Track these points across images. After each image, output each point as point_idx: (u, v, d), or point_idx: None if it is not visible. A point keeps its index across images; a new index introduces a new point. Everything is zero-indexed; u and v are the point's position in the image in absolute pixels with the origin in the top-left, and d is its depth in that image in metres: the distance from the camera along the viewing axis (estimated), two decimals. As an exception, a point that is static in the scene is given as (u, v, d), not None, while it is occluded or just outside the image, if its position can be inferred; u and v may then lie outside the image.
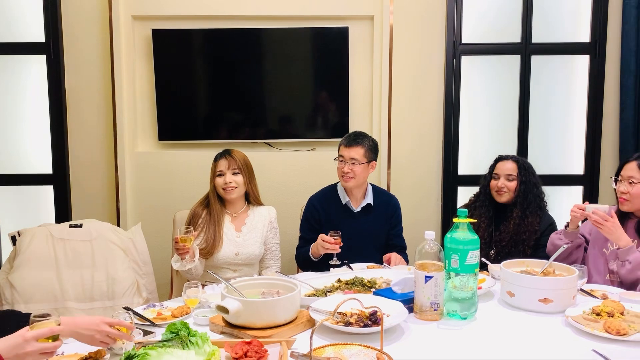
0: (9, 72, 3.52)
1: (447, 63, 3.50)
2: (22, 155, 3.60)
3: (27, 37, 3.48)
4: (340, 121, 3.49)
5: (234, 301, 1.59)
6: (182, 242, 2.21)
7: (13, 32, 3.48)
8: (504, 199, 2.68)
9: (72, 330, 1.49)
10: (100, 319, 1.49)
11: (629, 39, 3.41)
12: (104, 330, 1.47)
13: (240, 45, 3.44)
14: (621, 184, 2.27)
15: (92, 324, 1.49)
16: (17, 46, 3.48)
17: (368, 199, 2.71)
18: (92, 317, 1.52)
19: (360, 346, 1.42)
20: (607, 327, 1.63)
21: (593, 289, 2.11)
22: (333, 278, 2.13)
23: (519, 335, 1.67)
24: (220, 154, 2.60)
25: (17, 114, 3.55)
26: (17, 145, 3.58)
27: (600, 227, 2.19)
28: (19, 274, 2.37)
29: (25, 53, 3.50)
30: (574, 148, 3.65)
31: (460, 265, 1.75)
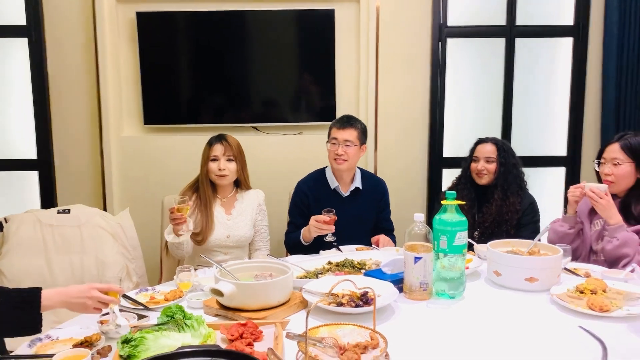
0: (-10, 55, 3.46)
1: (433, 45, 3.52)
2: (5, 140, 3.55)
3: (8, 20, 3.42)
4: (327, 104, 3.50)
5: (228, 284, 1.61)
6: (179, 212, 2.23)
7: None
8: (484, 180, 2.73)
9: (63, 300, 1.53)
10: (90, 286, 1.54)
11: (611, 22, 3.46)
12: (94, 296, 1.52)
13: (226, 27, 3.40)
14: (605, 166, 2.33)
15: (82, 291, 1.53)
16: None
17: (357, 183, 2.73)
18: (82, 285, 1.56)
19: (353, 326, 1.45)
20: (591, 304, 1.69)
21: (577, 267, 2.17)
22: (323, 260, 2.16)
23: (505, 314, 1.72)
24: (215, 139, 2.59)
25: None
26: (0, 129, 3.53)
27: (595, 204, 2.23)
28: (8, 261, 2.37)
29: (6, 36, 3.44)
30: (557, 130, 3.71)
31: (448, 246, 1.79)
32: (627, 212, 2.27)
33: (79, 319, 1.75)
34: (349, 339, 1.37)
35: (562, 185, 3.73)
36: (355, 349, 1.32)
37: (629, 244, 2.14)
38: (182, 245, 2.38)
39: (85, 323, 1.66)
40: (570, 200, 2.38)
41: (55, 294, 1.53)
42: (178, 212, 2.23)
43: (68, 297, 1.53)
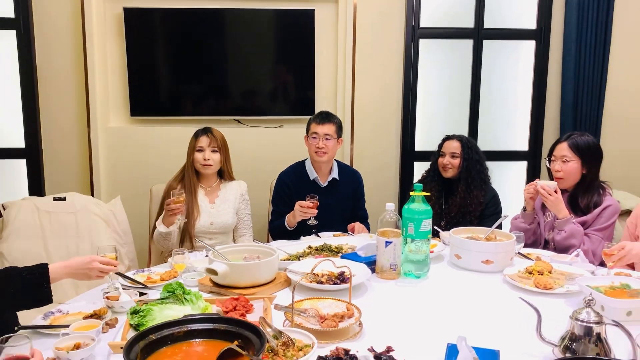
0: (-21, 47, 3.55)
1: (406, 46, 3.74)
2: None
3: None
4: (306, 99, 3.70)
5: (222, 264, 1.82)
6: (177, 203, 2.44)
7: (-18, 7, 3.50)
8: (449, 174, 2.97)
9: (68, 272, 1.77)
10: (91, 258, 1.80)
11: (570, 27, 3.73)
12: (95, 267, 1.77)
13: (208, 24, 3.57)
14: (555, 163, 2.58)
15: (84, 263, 1.79)
16: (-14, 21, 3.51)
17: (334, 174, 2.95)
18: (83, 257, 1.81)
19: (332, 299, 1.67)
20: (537, 282, 1.95)
21: (530, 252, 2.43)
22: (304, 245, 2.38)
23: (464, 291, 1.97)
24: (201, 131, 2.77)
25: (-13, 89, 3.61)
26: (-12, 119, 3.65)
27: (545, 200, 2.49)
28: (8, 244, 2.53)
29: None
30: (520, 126, 3.98)
31: (415, 232, 2.02)
32: (575, 205, 2.55)
33: (82, 296, 1.94)
34: (328, 310, 1.59)
35: (524, 178, 4.02)
36: (333, 317, 1.54)
37: (575, 236, 2.42)
38: (170, 236, 2.57)
39: (91, 299, 1.85)
40: (526, 197, 2.61)
41: (61, 267, 1.76)
42: (175, 203, 2.43)
43: (72, 269, 1.77)
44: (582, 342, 1.33)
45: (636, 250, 2.00)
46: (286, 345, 1.37)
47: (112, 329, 1.62)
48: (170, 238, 2.58)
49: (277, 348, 1.35)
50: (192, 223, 2.69)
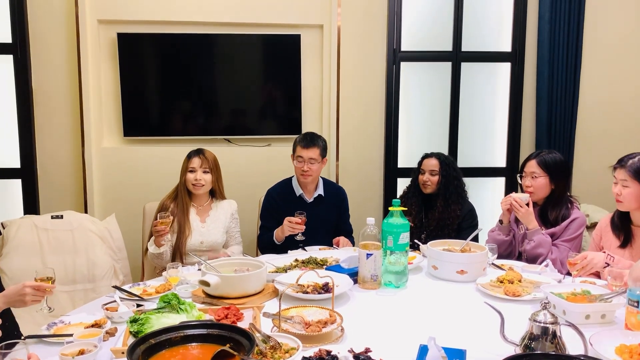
0: (-23, 71, 3.68)
1: (387, 68, 3.93)
2: (-11, 150, 3.77)
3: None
4: (293, 119, 3.86)
5: (214, 276, 1.96)
6: (162, 225, 2.56)
7: (-19, 33, 3.64)
8: (428, 190, 3.13)
9: (5, 301, 1.84)
10: (22, 284, 1.83)
11: (542, 49, 3.94)
12: (28, 292, 1.81)
13: (199, 49, 3.73)
14: (525, 179, 2.76)
15: (17, 289, 1.83)
16: (-16, 46, 3.64)
17: (319, 190, 3.10)
18: (16, 285, 1.86)
19: (316, 307, 1.82)
20: (506, 290, 2.10)
21: (503, 263, 2.59)
22: (291, 258, 2.51)
23: (440, 299, 2.12)
24: (194, 152, 2.90)
25: (-16, 111, 3.72)
26: (-15, 140, 3.76)
27: (517, 212, 2.66)
28: (8, 261, 2.64)
29: (-7, 53, 3.67)
30: (497, 144, 4.18)
31: (394, 245, 2.17)
32: (544, 218, 2.72)
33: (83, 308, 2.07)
34: (313, 317, 1.73)
35: (502, 193, 4.18)
36: (317, 324, 1.68)
37: (543, 245, 2.59)
38: (162, 255, 2.70)
39: (90, 311, 1.97)
40: (503, 209, 2.78)
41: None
42: (162, 224, 2.56)
43: (7, 297, 1.84)
44: (540, 340, 1.48)
45: (597, 259, 2.17)
46: (274, 348, 1.51)
47: (112, 337, 1.75)
48: (163, 257, 2.71)
49: (266, 351, 1.48)
50: (183, 241, 2.80)
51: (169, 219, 2.57)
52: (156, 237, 2.61)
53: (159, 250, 2.64)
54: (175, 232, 2.76)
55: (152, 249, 2.66)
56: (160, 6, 3.67)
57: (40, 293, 1.83)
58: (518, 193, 2.74)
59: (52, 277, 1.92)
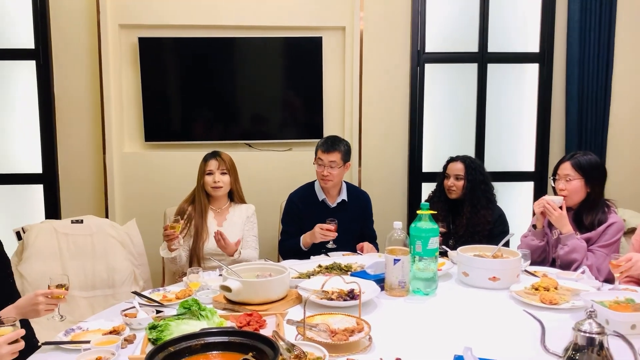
0: (1, 76, 3.69)
1: (411, 70, 3.85)
2: (12, 155, 3.77)
3: (18, 44, 3.66)
4: (315, 123, 3.79)
5: (236, 281, 1.88)
6: (171, 229, 2.52)
7: (4, 39, 3.66)
8: (454, 195, 3.02)
9: (18, 312, 1.77)
10: (34, 293, 1.77)
11: (572, 49, 3.81)
12: (41, 301, 1.75)
13: (220, 52, 3.70)
14: (559, 182, 2.64)
15: (29, 299, 1.77)
16: (8, 52, 3.66)
17: (343, 195, 3.02)
18: (29, 294, 1.80)
19: (342, 315, 1.73)
20: (542, 298, 1.99)
21: (536, 270, 2.47)
22: (314, 264, 2.44)
23: (472, 307, 2.02)
24: (210, 155, 2.87)
25: (8, 117, 3.74)
26: (8, 146, 3.76)
27: (550, 215, 2.55)
28: (28, 265, 2.61)
29: (16, 59, 3.68)
30: (526, 147, 4.04)
31: (423, 250, 2.08)
32: (579, 222, 2.60)
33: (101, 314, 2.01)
34: (339, 325, 1.65)
35: (530, 198, 4.06)
36: (344, 332, 1.59)
37: (578, 250, 2.46)
38: (176, 260, 2.66)
39: (109, 317, 1.91)
40: (537, 212, 2.65)
41: (10, 310, 1.78)
42: (171, 228, 2.51)
43: (20, 308, 1.78)
44: (586, 352, 1.37)
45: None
46: (299, 357, 1.42)
47: (130, 344, 1.68)
48: (177, 262, 2.66)
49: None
50: (199, 245, 2.76)
51: (179, 223, 2.53)
52: (166, 242, 2.57)
53: (170, 255, 2.60)
54: (192, 236, 2.71)
55: (164, 253, 2.62)
56: (181, 10, 3.64)
57: (53, 301, 1.78)
58: (550, 196, 2.62)
59: (65, 284, 1.86)
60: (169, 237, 2.54)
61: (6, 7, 3.64)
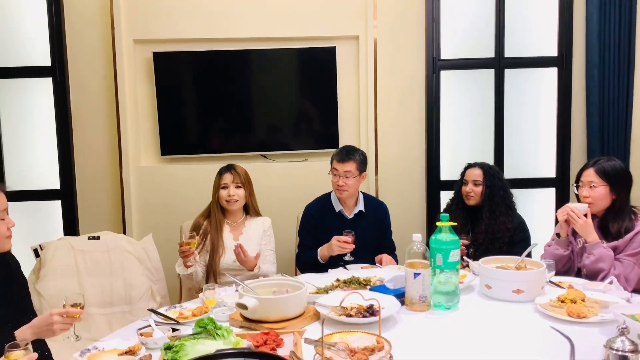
0: (18, 94, 3.73)
1: (427, 77, 3.80)
2: (30, 172, 3.80)
3: (35, 62, 3.70)
4: (330, 133, 3.76)
5: (252, 299, 1.85)
6: (187, 245, 2.50)
7: (22, 57, 3.70)
8: (472, 202, 2.97)
9: (33, 332, 1.76)
10: (49, 312, 1.75)
11: (592, 52, 3.73)
12: (56, 321, 1.72)
13: (234, 65, 3.69)
14: (583, 189, 2.56)
15: (44, 318, 1.76)
16: (25, 70, 3.70)
17: (360, 206, 2.97)
18: (44, 314, 1.78)
19: (361, 333, 1.68)
20: (570, 311, 1.92)
21: (561, 280, 2.40)
22: (332, 278, 2.39)
23: (495, 321, 1.95)
24: (224, 168, 2.85)
25: (26, 134, 3.77)
26: (26, 162, 3.79)
27: (574, 223, 2.47)
28: (45, 283, 2.60)
29: (33, 76, 3.71)
30: (546, 153, 3.96)
31: (444, 263, 2.02)
32: (605, 230, 2.51)
33: (117, 333, 1.99)
34: (358, 344, 1.60)
35: (552, 205, 3.96)
36: (364, 351, 1.54)
37: (604, 259, 2.38)
38: (192, 276, 2.64)
39: (125, 336, 1.89)
40: (561, 220, 2.56)
41: (26, 330, 1.77)
42: (186, 245, 2.49)
43: (35, 328, 1.77)
44: (618, 371, 1.31)
45: None
46: (317, 379, 1.38)
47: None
48: (193, 278, 2.64)
49: (309, 382, 1.36)
50: (216, 260, 2.73)
51: (194, 239, 2.51)
52: (182, 258, 2.55)
53: (186, 271, 2.58)
54: (208, 251, 2.69)
55: (180, 269, 2.60)
56: (195, 24, 3.65)
57: (68, 320, 1.76)
58: (576, 203, 2.55)
59: (81, 302, 1.84)
60: (184, 254, 2.52)
61: (23, 25, 3.68)
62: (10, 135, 3.76)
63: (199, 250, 2.71)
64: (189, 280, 2.66)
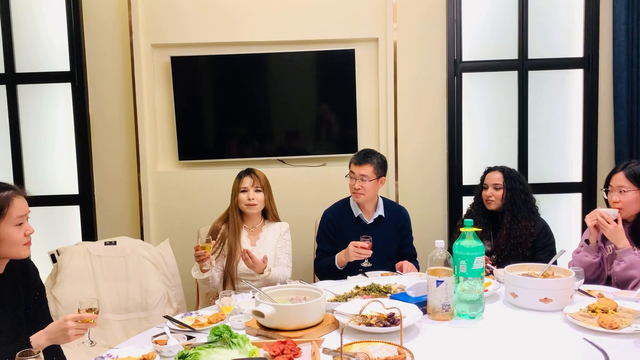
0: (38, 100, 3.75)
1: (448, 80, 3.72)
2: (49, 177, 3.81)
3: (54, 67, 3.71)
4: (349, 137, 3.70)
5: (268, 306, 1.79)
6: (202, 249, 2.45)
7: (41, 62, 3.71)
8: (493, 206, 2.88)
9: (48, 338, 1.72)
10: (64, 318, 1.72)
11: (619, 53, 3.61)
12: (70, 326, 1.69)
13: (252, 68, 3.66)
14: (612, 194, 2.46)
15: (59, 324, 1.72)
16: (44, 75, 3.71)
17: (379, 211, 2.90)
18: (59, 320, 1.75)
19: (382, 343, 1.61)
20: (601, 321, 1.82)
21: (590, 289, 2.30)
22: (351, 285, 2.32)
23: (522, 332, 1.86)
24: (244, 172, 2.81)
25: (45, 139, 3.78)
26: (45, 168, 3.80)
27: (604, 229, 2.37)
28: (61, 289, 2.59)
29: (52, 82, 3.73)
30: (572, 157, 3.84)
31: (467, 270, 1.94)
32: (636, 236, 2.41)
33: (132, 340, 1.95)
34: (379, 354, 1.53)
35: (578, 211, 3.84)
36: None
37: (636, 267, 2.28)
38: (209, 281, 2.60)
39: (140, 343, 1.84)
40: (590, 226, 2.47)
41: (41, 336, 1.74)
42: (202, 249, 2.45)
43: (50, 334, 1.73)
44: (659, 388, 1.22)
45: None
46: (336, 391, 1.32)
47: (160, 374, 1.61)
48: (209, 283, 2.60)
49: (327, 395, 1.30)
50: (233, 265, 2.69)
51: (210, 244, 2.46)
52: (198, 263, 2.50)
53: (202, 276, 2.53)
54: (225, 256, 2.64)
55: (196, 274, 2.56)
56: (213, 28, 3.63)
57: (83, 325, 1.72)
58: (605, 208, 2.45)
59: (95, 307, 1.81)
60: (200, 258, 2.48)
61: (42, 31, 3.70)
62: (29, 140, 3.77)
63: (216, 255, 2.67)
64: (205, 285, 2.62)
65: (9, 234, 1.77)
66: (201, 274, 2.54)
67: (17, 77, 3.71)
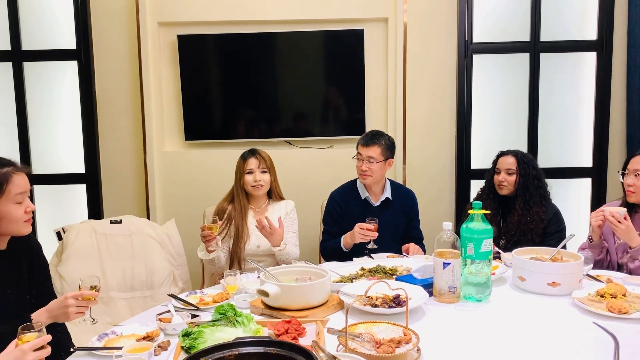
0: (44, 77, 3.73)
1: (459, 62, 3.66)
2: (56, 156, 3.81)
3: (60, 45, 3.69)
4: (357, 119, 3.66)
5: (274, 286, 1.78)
6: (208, 229, 2.43)
7: (47, 40, 3.69)
8: (505, 191, 2.84)
9: (49, 316, 1.72)
10: (64, 296, 1.71)
11: (634, 35, 3.53)
12: (71, 304, 1.68)
13: (260, 48, 3.61)
14: (628, 177, 2.41)
15: (59, 302, 1.71)
16: (50, 53, 3.69)
17: (386, 193, 2.87)
18: (59, 297, 1.74)
19: (387, 324, 1.60)
20: (610, 306, 1.80)
21: (599, 274, 2.27)
22: (357, 266, 2.31)
23: (529, 316, 1.84)
24: (248, 153, 2.78)
25: (51, 117, 3.78)
26: (51, 146, 3.81)
27: (615, 228, 2.31)
28: (66, 266, 2.59)
29: (58, 59, 3.71)
30: (583, 141, 3.78)
31: (475, 253, 1.92)
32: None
33: (136, 318, 1.94)
34: (384, 335, 1.52)
35: (588, 196, 3.80)
36: (390, 343, 1.46)
37: (652, 264, 2.24)
38: (214, 262, 2.58)
39: (144, 321, 1.84)
40: (593, 225, 2.42)
41: (42, 313, 1.73)
42: (208, 229, 2.43)
43: (51, 312, 1.73)
44: (669, 373, 1.20)
45: None
46: (340, 371, 1.30)
47: (164, 351, 1.61)
48: (215, 263, 2.59)
49: (331, 374, 1.28)
50: (240, 246, 2.67)
51: (216, 224, 2.45)
52: (204, 243, 2.49)
53: (208, 256, 2.52)
54: (232, 237, 2.62)
55: (202, 254, 2.55)
56: (219, 6, 3.58)
57: (83, 303, 1.71)
58: (611, 207, 2.39)
59: (97, 285, 1.80)
60: (206, 239, 2.46)
61: (49, 9, 3.67)
62: (36, 118, 3.77)
63: (222, 235, 2.66)
64: (211, 265, 2.61)
65: (9, 211, 1.74)
66: (207, 254, 2.53)
67: (23, 54, 3.69)
